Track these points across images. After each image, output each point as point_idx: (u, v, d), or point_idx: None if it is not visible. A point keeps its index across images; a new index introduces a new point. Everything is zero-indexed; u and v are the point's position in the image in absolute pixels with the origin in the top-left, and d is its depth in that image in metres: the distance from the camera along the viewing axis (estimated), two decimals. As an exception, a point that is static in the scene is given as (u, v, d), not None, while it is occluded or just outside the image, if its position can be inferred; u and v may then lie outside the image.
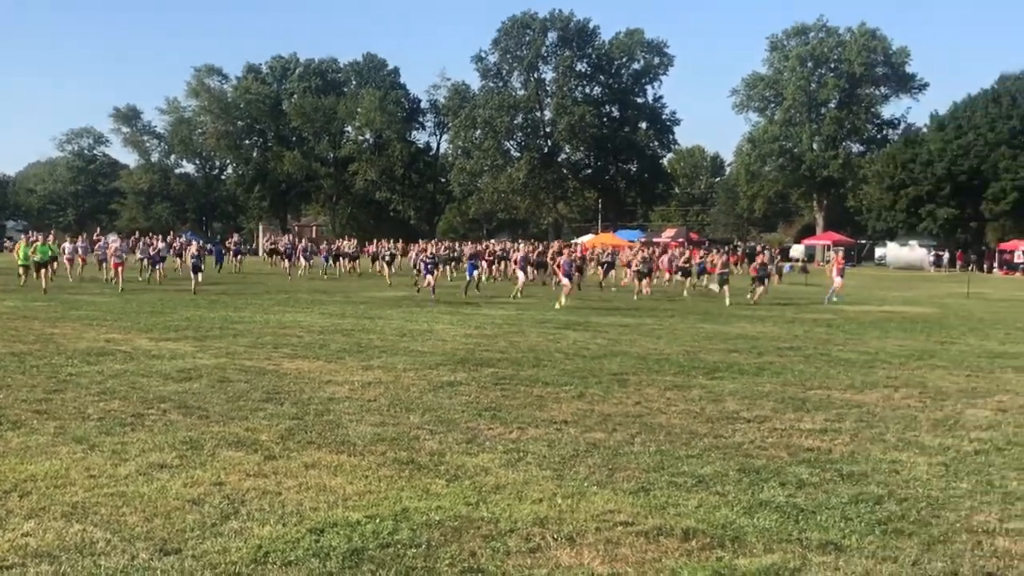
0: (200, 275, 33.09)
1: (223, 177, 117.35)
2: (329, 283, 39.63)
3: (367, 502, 7.24)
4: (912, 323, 24.80)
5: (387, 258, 41.52)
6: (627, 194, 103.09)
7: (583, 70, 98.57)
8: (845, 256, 44.27)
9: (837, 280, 34.37)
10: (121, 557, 5.98)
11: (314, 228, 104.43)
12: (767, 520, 6.98)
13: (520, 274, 34.67)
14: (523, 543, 6.37)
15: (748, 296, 31.78)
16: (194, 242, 51.59)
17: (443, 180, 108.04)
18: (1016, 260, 75.11)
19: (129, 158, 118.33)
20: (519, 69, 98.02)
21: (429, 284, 30.53)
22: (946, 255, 79.08)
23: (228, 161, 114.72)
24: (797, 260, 69.40)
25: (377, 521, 6.73)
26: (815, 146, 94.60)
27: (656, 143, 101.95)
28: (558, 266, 31.66)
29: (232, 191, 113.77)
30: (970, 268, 72.68)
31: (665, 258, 40.79)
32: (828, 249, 78.77)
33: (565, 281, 30.09)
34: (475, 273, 34.23)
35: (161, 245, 42.48)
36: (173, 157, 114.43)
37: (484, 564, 5.94)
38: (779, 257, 44.25)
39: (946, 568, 6.02)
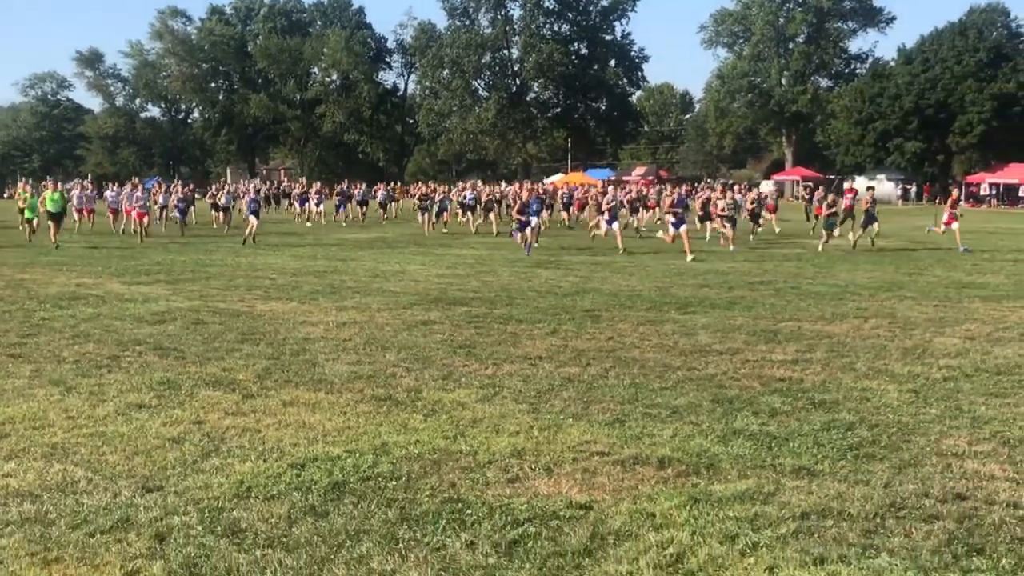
0: (255, 219, 30.75)
1: (189, 121, 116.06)
2: (302, 227, 39.45)
3: (346, 437, 7.30)
4: (881, 255, 25.01)
5: (422, 204, 38.03)
6: (596, 133, 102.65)
7: (551, 7, 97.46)
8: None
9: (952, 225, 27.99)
10: (103, 495, 6.02)
11: (282, 171, 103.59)
12: (741, 448, 7.09)
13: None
14: (502, 474, 6.46)
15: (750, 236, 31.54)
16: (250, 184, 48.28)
17: (411, 121, 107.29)
18: (982, 193, 75.75)
19: (94, 103, 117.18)
20: (486, 7, 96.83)
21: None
22: (913, 188, 79.62)
23: (194, 104, 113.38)
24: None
25: (357, 455, 6.80)
26: (784, 81, 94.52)
27: (625, 81, 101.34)
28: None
29: (199, 135, 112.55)
30: (937, 201, 73.20)
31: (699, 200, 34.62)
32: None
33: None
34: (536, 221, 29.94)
35: (178, 194, 38.12)
36: (138, 101, 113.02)
37: (464, 494, 6.03)
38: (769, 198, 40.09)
39: (916, 490, 6.15)
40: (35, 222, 30.03)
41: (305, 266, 21.47)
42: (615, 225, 27.37)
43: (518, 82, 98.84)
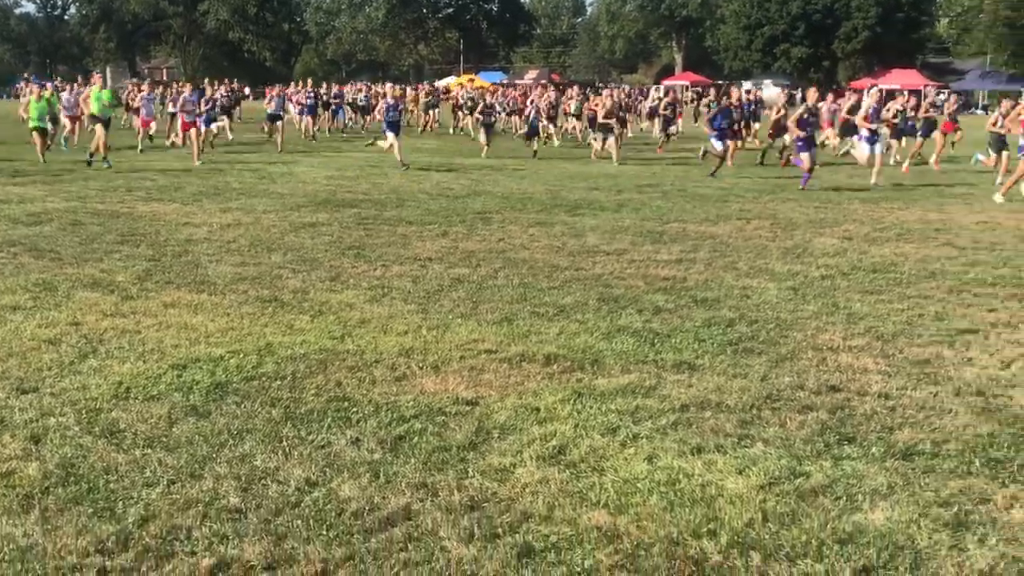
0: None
1: (66, 17, 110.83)
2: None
3: (229, 338, 7.19)
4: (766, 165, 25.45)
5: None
6: (489, 35, 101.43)
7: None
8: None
9: None
10: (-25, 399, 5.84)
11: (164, 71, 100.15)
12: (625, 344, 7.21)
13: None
14: (389, 372, 6.46)
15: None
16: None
17: (299, 20, 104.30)
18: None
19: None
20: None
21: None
22: (799, 93, 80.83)
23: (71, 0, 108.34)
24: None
25: (240, 356, 6.71)
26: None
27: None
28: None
29: (76, 32, 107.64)
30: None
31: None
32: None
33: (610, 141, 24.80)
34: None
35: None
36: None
37: (350, 393, 6.01)
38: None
39: (792, 382, 6.34)
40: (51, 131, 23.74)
41: (188, 166, 20.89)
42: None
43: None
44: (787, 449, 5.18)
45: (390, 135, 22.17)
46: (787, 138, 22.11)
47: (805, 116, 18.81)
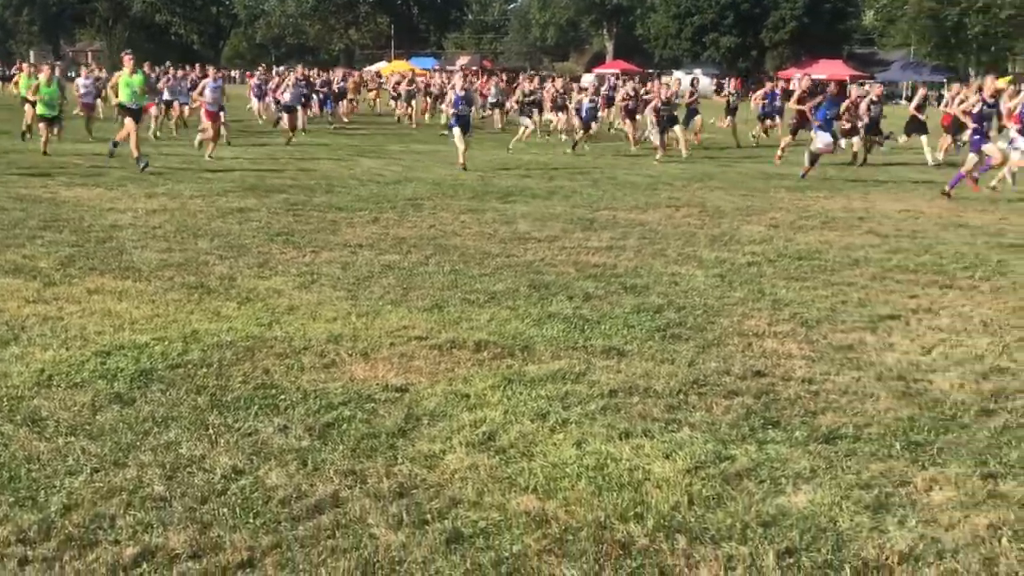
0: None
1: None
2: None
3: (155, 325, 7.08)
4: (693, 148, 25.65)
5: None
6: (420, 20, 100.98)
7: None
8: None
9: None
10: None
11: (89, 53, 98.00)
12: (555, 330, 7.23)
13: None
14: (317, 359, 6.41)
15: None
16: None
17: (227, 2, 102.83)
18: (791, 87, 78.26)
19: None
20: None
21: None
22: (728, 83, 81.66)
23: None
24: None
25: (166, 343, 6.61)
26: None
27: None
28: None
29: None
30: (749, 95, 75.33)
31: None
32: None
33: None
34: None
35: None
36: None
37: (278, 380, 5.96)
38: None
39: (719, 368, 6.42)
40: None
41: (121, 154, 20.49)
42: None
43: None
44: (713, 433, 5.25)
45: (457, 132, 19.62)
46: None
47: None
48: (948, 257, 10.56)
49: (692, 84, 29.68)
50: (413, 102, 34.88)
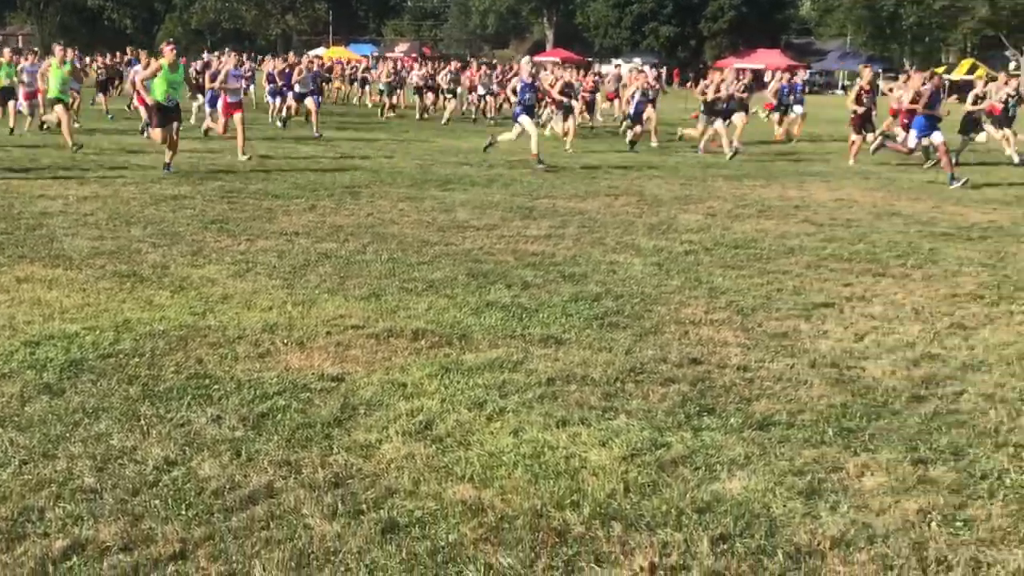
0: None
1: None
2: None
3: (85, 315, 6.95)
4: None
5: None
6: (358, 6, 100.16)
7: None
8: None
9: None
10: None
11: (20, 38, 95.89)
12: (493, 319, 7.22)
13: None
14: (252, 348, 6.34)
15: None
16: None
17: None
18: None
19: None
20: None
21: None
22: (665, 72, 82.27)
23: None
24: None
25: (97, 333, 6.49)
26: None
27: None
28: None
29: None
30: (687, 85, 75.88)
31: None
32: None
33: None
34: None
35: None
36: None
37: (211, 370, 5.88)
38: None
39: (655, 356, 6.45)
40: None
41: (43, 138, 20.10)
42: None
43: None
44: (649, 421, 5.27)
45: (524, 121, 18.31)
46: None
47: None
48: (881, 245, 10.72)
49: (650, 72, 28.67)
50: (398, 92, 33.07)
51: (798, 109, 27.04)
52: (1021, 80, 22.13)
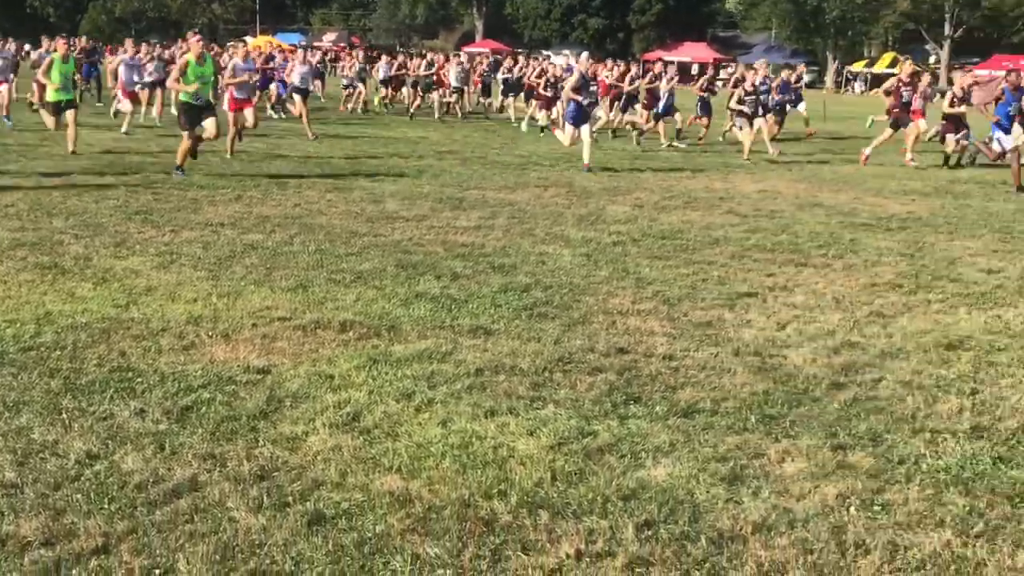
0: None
1: None
2: None
3: (6, 307, 6.81)
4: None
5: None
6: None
7: None
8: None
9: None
10: None
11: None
12: (422, 310, 7.22)
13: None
14: (176, 341, 6.26)
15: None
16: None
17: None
18: (657, 70, 79.59)
19: None
20: None
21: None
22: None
23: None
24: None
25: (17, 325, 6.37)
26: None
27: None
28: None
29: None
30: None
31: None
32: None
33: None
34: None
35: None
36: None
37: (135, 363, 5.80)
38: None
39: (583, 345, 6.51)
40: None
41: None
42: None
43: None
44: (576, 410, 5.32)
45: (584, 131, 16.65)
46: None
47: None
48: (804, 236, 10.91)
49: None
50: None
51: (801, 107, 25.56)
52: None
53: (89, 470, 4.35)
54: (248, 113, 17.48)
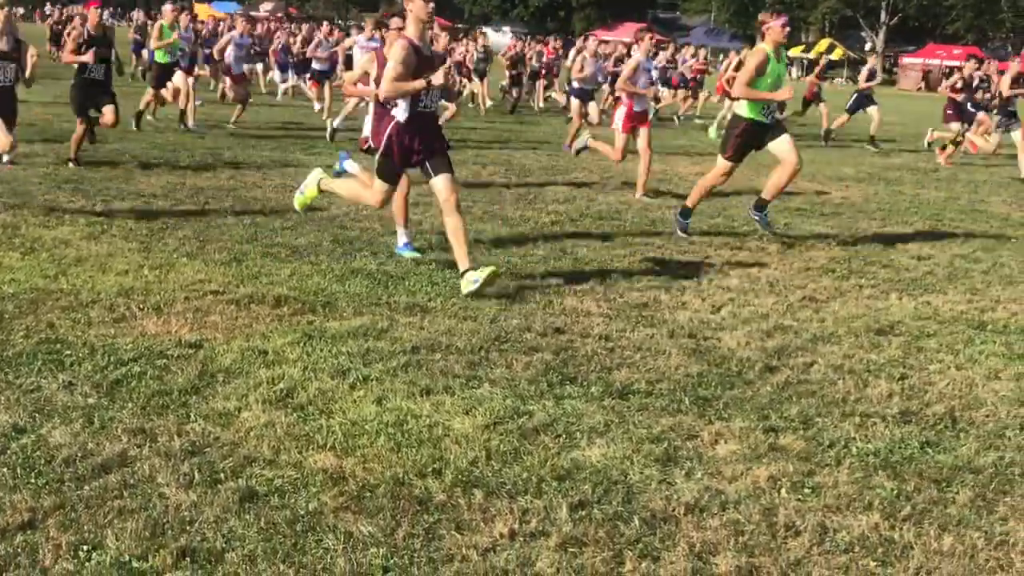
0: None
1: None
2: None
3: (-72, 276, 6.65)
4: (500, 109, 25.82)
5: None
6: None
7: None
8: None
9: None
10: None
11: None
12: (358, 286, 7.17)
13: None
14: (106, 313, 6.15)
15: None
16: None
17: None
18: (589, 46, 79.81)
19: None
20: None
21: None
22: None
23: None
24: None
25: (-60, 295, 6.22)
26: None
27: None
28: None
29: None
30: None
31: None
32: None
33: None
34: None
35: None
36: None
37: (63, 335, 5.69)
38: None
39: (520, 325, 6.50)
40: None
41: None
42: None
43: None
44: (512, 389, 5.32)
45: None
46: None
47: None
48: (739, 220, 11.00)
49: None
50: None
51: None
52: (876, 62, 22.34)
53: (15, 444, 4.26)
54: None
